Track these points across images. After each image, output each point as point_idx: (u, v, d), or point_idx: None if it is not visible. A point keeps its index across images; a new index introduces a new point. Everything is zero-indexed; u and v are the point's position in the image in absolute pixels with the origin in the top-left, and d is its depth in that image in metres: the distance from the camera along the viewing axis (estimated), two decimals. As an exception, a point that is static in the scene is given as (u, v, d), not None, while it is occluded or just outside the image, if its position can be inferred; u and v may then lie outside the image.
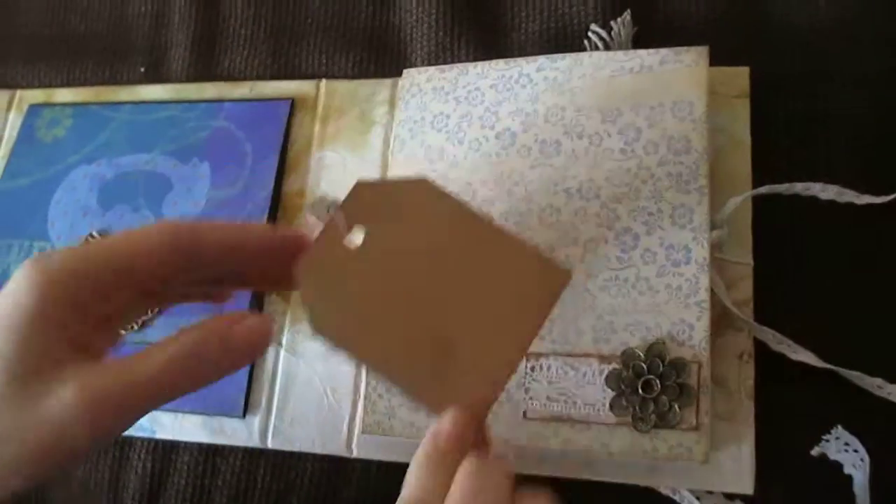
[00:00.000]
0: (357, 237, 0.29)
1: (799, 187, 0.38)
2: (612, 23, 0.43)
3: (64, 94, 0.53)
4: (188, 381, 0.28)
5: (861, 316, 0.37)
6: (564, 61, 0.40)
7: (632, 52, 0.39)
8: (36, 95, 0.54)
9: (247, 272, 0.31)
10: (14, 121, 0.53)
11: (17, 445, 0.25)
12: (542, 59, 0.41)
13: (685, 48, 0.38)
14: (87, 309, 0.27)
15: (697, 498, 0.35)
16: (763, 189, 0.38)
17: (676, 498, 0.36)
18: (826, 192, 0.38)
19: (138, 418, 0.27)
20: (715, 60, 0.39)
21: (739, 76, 0.40)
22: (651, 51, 0.39)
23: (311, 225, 0.43)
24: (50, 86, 0.54)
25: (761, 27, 0.43)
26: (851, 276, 0.38)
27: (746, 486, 0.35)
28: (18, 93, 0.54)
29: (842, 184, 0.38)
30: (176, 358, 0.27)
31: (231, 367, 0.29)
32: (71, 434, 0.25)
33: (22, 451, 0.25)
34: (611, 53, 0.40)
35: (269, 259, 0.30)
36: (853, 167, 0.39)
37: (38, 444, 0.25)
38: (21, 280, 0.26)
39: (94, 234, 0.47)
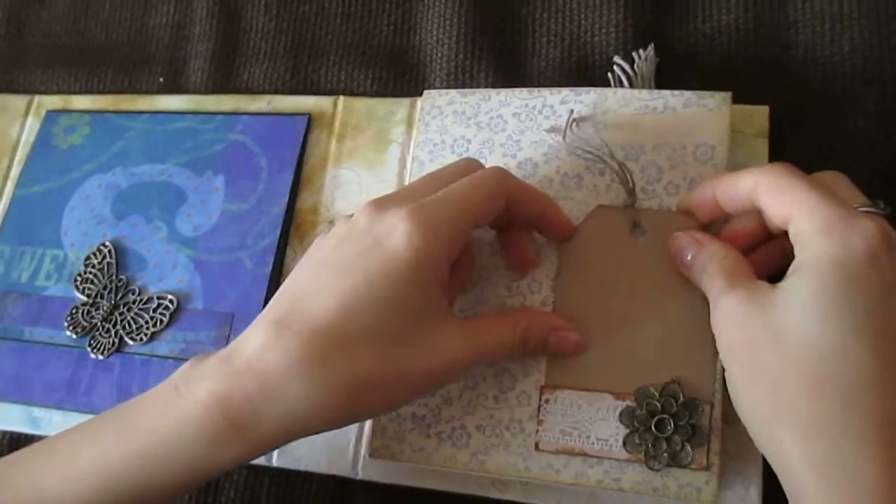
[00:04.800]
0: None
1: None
2: (634, 54, 0.43)
3: (82, 101, 0.53)
4: (510, 354, 0.35)
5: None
6: (589, 95, 0.40)
7: (656, 91, 0.39)
8: (54, 101, 0.53)
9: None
10: (32, 126, 0.53)
11: (420, 366, 0.32)
12: (566, 92, 0.41)
13: (709, 92, 0.39)
14: (452, 258, 0.33)
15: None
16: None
17: (683, 535, 0.36)
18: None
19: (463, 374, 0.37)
20: (735, 98, 0.39)
21: (759, 115, 0.40)
22: (675, 92, 0.39)
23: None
24: (69, 92, 0.54)
25: (782, 65, 0.43)
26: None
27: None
28: (37, 98, 0.54)
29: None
30: (516, 337, 0.35)
31: (534, 354, 0.37)
32: (453, 364, 0.33)
33: (420, 370, 0.32)
34: (636, 91, 0.40)
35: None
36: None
37: (430, 368, 0.32)
38: (409, 233, 0.31)
39: (107, 243, 0.47)
